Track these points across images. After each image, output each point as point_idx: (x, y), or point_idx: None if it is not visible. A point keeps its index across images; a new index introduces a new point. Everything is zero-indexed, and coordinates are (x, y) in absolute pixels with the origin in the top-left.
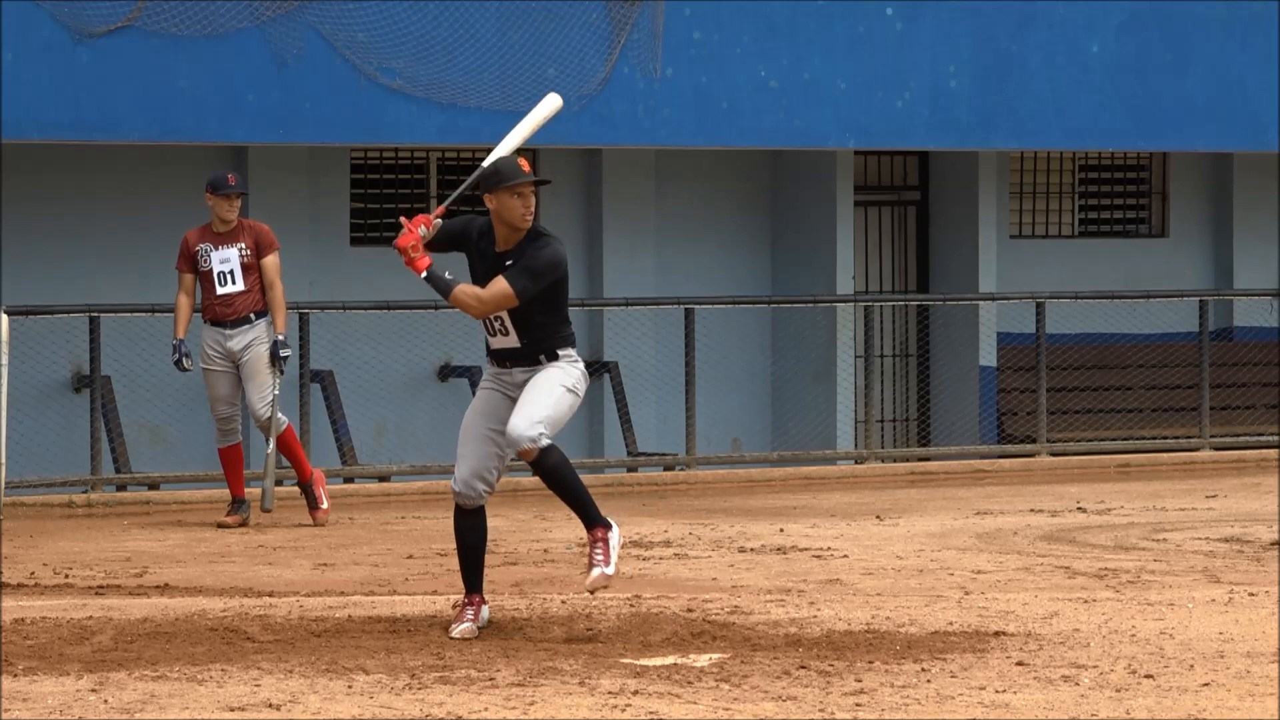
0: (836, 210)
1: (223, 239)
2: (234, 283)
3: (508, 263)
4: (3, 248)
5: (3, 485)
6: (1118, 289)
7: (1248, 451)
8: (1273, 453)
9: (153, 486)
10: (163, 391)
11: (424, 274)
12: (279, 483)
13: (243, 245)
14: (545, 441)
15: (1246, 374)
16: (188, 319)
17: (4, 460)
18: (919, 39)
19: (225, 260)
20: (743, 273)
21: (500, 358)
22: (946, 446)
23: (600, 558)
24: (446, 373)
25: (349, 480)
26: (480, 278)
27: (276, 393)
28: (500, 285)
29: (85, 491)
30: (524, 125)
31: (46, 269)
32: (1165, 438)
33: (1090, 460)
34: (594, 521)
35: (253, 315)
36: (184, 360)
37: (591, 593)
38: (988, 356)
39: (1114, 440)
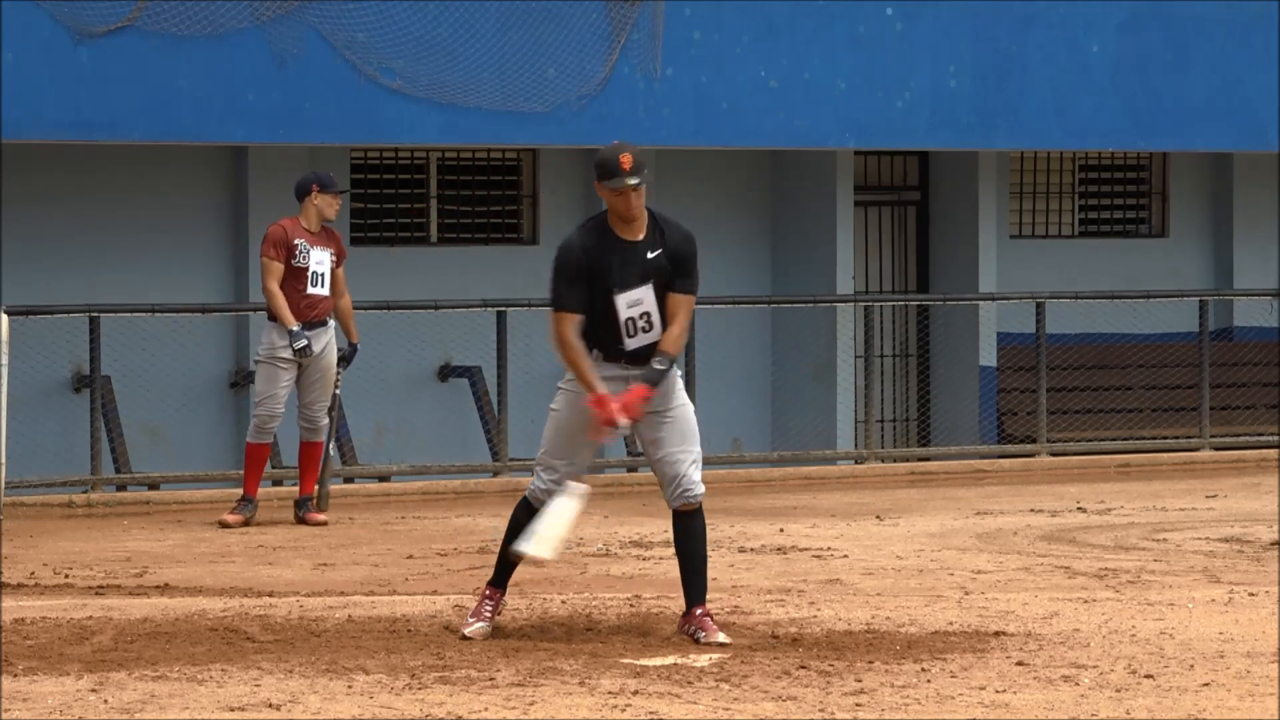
0: (836, 210)
1: (317, 239)
2: (323, 285)
3: (651, 254)
4: (3, 248)
5: (3, 485)
6: (1118, 289)
7: (1248, 451)
8: (1273, 453)
9: (153, 486)
10: (163, 391)
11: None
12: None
13: (332, 251)
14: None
15: (1246, 374)
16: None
17: (4, 460)
18: (919, 39)
19: (320, 261)
20: (743, 273)
21: (635, 356)
22: (946, 446)
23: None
24: (446, 373)
25: (349, 480)
26: (621, 277)
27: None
28: (685, 304)
29: (85, 491)
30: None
31: (46, 269)
32: (1165, 438)
33: (1090, 460)
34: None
35: (329, 319)
36: (311, 345)
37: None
38: (988, 356)
39: (1114, 440)
